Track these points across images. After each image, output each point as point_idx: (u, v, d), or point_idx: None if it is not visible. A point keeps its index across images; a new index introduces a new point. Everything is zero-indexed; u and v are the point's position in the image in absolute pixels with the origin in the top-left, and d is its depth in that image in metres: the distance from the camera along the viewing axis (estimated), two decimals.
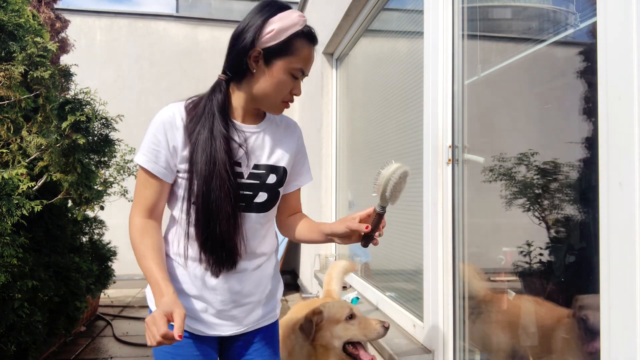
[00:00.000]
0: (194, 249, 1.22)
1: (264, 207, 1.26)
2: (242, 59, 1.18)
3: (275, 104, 1.22)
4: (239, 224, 1.20)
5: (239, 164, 1.22)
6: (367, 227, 1.12)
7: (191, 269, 1.23)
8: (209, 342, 1.29)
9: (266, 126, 1.29)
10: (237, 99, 1.24)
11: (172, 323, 1.01)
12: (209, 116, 1.19)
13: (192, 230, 1.20)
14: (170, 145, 1.18)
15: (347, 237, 1.18)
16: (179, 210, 1.23)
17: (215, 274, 1.21)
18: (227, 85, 1.24)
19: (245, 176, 1.22)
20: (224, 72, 1.25)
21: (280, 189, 1.30)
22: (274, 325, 1.40)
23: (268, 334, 1.37)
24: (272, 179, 1.26)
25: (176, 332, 0.98)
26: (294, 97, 1.24)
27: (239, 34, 1.19)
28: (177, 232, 1.25)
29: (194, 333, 1.26)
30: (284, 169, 1.29)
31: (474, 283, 1.79)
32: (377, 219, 1.14)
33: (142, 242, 1.17)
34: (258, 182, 1.24)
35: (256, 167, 1.24)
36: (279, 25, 1.15)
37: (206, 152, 1.16)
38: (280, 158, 1.29)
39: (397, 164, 1.12)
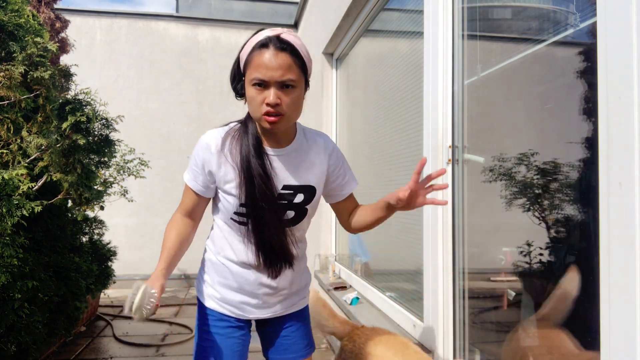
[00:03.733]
0: (246, 255, 1.38)
1: (291, 223, 1.39)
2: (233, 87, 1.34)
3: (259, 120, 1.26)
4: (287, 232, 1.37)
5: None
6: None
7: (238, 270, 1.40)
8: (243, 322, 1.47)
9: (294, 148, 1.37)
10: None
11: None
12: (243, 139, 1.32)
13: (245, 239, 1.37)
14: (206, 170, 1.33)
15: (407, 202, 1.28)
16: (221, 219, 1.41)
17: (273, 276, 1.39)
18: None
19: (276, 197, 1.34)
20: None
21: (309, 206, 1.40)
22: (305, 309, 1.58)
23: (302, 315, 1.55)
24: (299, 198, 1.37)
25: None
26: (278, 106, 1.22)
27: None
28: (217, 234, 1.43)
29: (233, 316, 1.44)
30: (313, 188, 1.40)
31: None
32: None
33: (169, 230, 1.39)
34: (286, 202, 1.35)
35: (285, 187, 1.34)
36: (244, 50, 1.27)
37: (244, 173, 1.29)
38: (310, 177, 1.39)
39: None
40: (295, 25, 6.19)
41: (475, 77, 1.79)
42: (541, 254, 1.41)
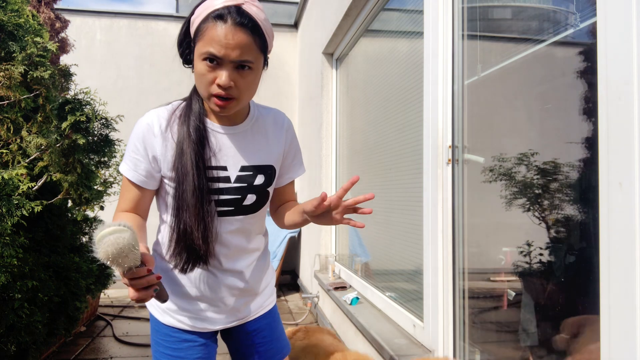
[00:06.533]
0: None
1: (252, 209, 1.25)
2: (181, 56, 1.17)
3: (207, 99, 1.11)
4: (213, 225, 1.17)
5: (225, 168, 1.19)
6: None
7: (196, 274, 1.23)
8: (208, 336, 1.31)
9: (249, 126, 1.23)
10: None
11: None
12: (185, 119, 1.16)
13: (174, 233, 1.17)
14: (149, 155, 1.16)
15: (317, 216, 1.15)
16: (170, 215, 1.19)
17: (184, 271, 1.17)
18: None
19: (233, 180, 1.20)
20: None
21: (270, 189, 1.27)
22: (274, 309, 1.44)
23: (271, 317, 1.41)
24: (259, 179, 1.23)
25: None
26: (230, 89, 1.07)
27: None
28: (168, 237, 1.21)
29: (196, 331, 1.27)
30: (272, 168, 1.26)
31: None
32: None
33: (116, 218, 1.15)
34: (246, 184, 1.21)
35: (243, 169, 1.20)
36: (196, 13, 1.08)
37: (183, 155, 1.12)
38: (266, 157, 1.25)
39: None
40: (295, 25, 6.19)
41: (475, 77, 1.79)
42: (541, 254, 1.41)
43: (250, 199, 1.22)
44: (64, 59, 4.56)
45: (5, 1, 2.63)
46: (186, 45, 1.15)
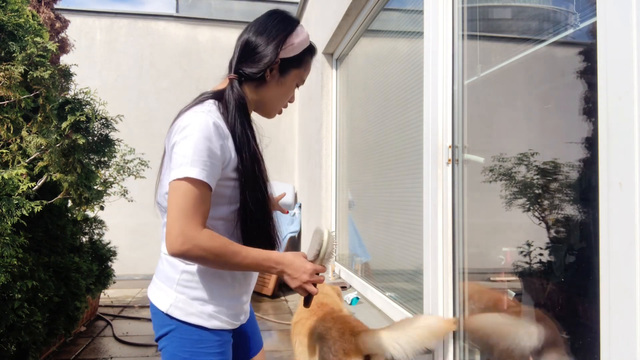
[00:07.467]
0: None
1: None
2: (264, 69, 1.23)
3: (277, 109, 1.34)
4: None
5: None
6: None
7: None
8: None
9: None
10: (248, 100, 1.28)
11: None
12: (239, 118, 1.18)
13: (237, 232, 1.20)
14: (226, 157, 1.14)
15: None
16: (212, 218, 1.17)
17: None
18: (239, 85, 1.25)
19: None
20: (236, 72, 1.25)
21: None
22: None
23: (252, 312, 1.49)
24: None
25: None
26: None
27: (258, 44, 1.23)
28: (233, 228, 1.23)
29: (233, 329, 1.29)
30: None
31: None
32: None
33: (219, 241, 1.09)
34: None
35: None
36: (298, 40, 1.26)
37: (248, 153, 1.18)
38: None
39: (324, 232, 1.25)
40: None
41: (475, 77, 1.79)
42: (541, 254, 1.41)
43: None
44: (64, 59, 4.55)
45: (5, 1, 2.63)
46: (273, 57, 1.22)
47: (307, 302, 1.26)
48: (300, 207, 5.70)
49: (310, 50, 1.31)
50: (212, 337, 1.20)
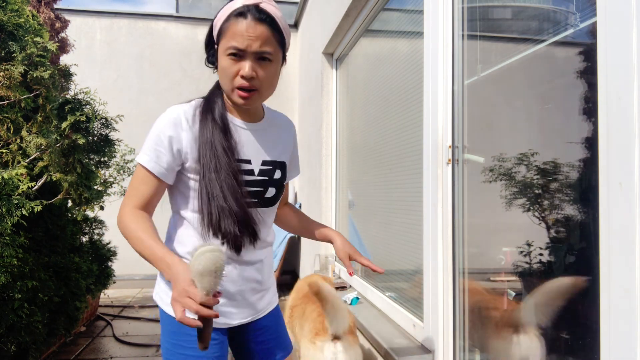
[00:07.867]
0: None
1: (271, 202, 1.32)
2: (207, 56, 1.24)
3: (230, 93, 1.18)
4: (251, 208, 1.23)
5: (249, 161, 1.26)
6: (351, 274, 1.40)
7: None
8: (224, 332, 1.31)
9: (267, 125, 1.33)
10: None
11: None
12: (209, 114, 1.21)
13: (205, 225, 1.19)
14: (174, 148, 1.17)
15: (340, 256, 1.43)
16: (191, 211, 1.23)
17: (238, 249, 1.20)
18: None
19: (256, 173, 1.27)
20: None
21: (285, 183, 1.37)
22: (278, 307, 1.48)
23: (277, 315, 1.45)
24: (277, 174, 1.32)
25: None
26: (253, 80, 1.15)
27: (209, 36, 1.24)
28: (188, 232, 1.24)
29: (216, 328, 1.27)
30: (285, 164, 1.36)
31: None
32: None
33: (135, 223, 1.14)
34: (267, 178, 1.29)
35: (264, 163, 1.29)
36: (219, 17, 1.18)
37: (212, 149, 1.17)
38: (282, 153, 1.35)
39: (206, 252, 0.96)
40: (295, 25, 6.19)
41: (475, 77, 1.78)
42: (541, 254, 1.41)
43: (271, 192, 1.30)
44: (64, 59, 4.55)
45: (5, 1, 2.63)
46: (210, 48, 1.23)
47: (200, 336, 0.99)
48: (300, 207, 5.71)
49: (231, 16, 1.13)
50: (189, 332, 1.20)
